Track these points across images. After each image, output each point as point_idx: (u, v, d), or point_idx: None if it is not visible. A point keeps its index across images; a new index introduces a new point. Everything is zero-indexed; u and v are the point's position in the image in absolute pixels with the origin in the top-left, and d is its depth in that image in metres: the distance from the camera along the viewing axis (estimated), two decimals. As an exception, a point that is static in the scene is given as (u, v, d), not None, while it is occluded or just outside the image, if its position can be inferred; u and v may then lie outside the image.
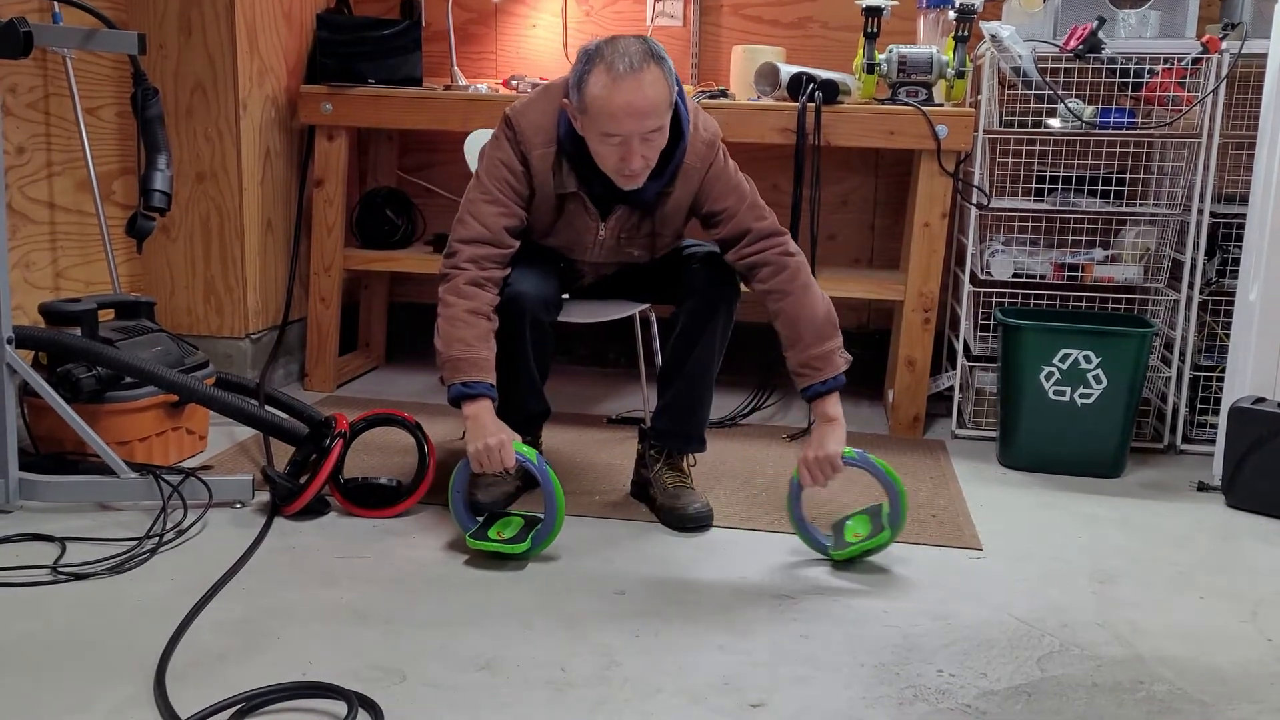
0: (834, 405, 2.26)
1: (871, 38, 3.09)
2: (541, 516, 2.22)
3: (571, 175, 2.28)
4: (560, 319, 2.46)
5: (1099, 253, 3.19)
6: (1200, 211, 3.02)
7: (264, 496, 2.47)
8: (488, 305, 2.23)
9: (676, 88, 2.20)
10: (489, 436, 2.15)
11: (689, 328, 2.40)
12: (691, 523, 2.40)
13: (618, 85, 2.09)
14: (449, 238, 2.30)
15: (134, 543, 2.22)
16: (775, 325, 2.30)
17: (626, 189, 2.24)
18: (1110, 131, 3.04)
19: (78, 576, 2.07)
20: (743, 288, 2.43)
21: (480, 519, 2.28)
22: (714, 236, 2.38)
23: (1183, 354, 3.09)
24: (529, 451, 2.20)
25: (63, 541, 2.22)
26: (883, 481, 2.23)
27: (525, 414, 2.47)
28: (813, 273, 2.38)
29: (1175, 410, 3.12)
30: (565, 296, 2.52)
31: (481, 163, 2.33)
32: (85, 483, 2.42)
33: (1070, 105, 3.03)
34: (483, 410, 2.18)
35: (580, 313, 2.56)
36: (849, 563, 2.24)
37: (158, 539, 2.24)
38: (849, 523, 2.31)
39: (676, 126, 2.24)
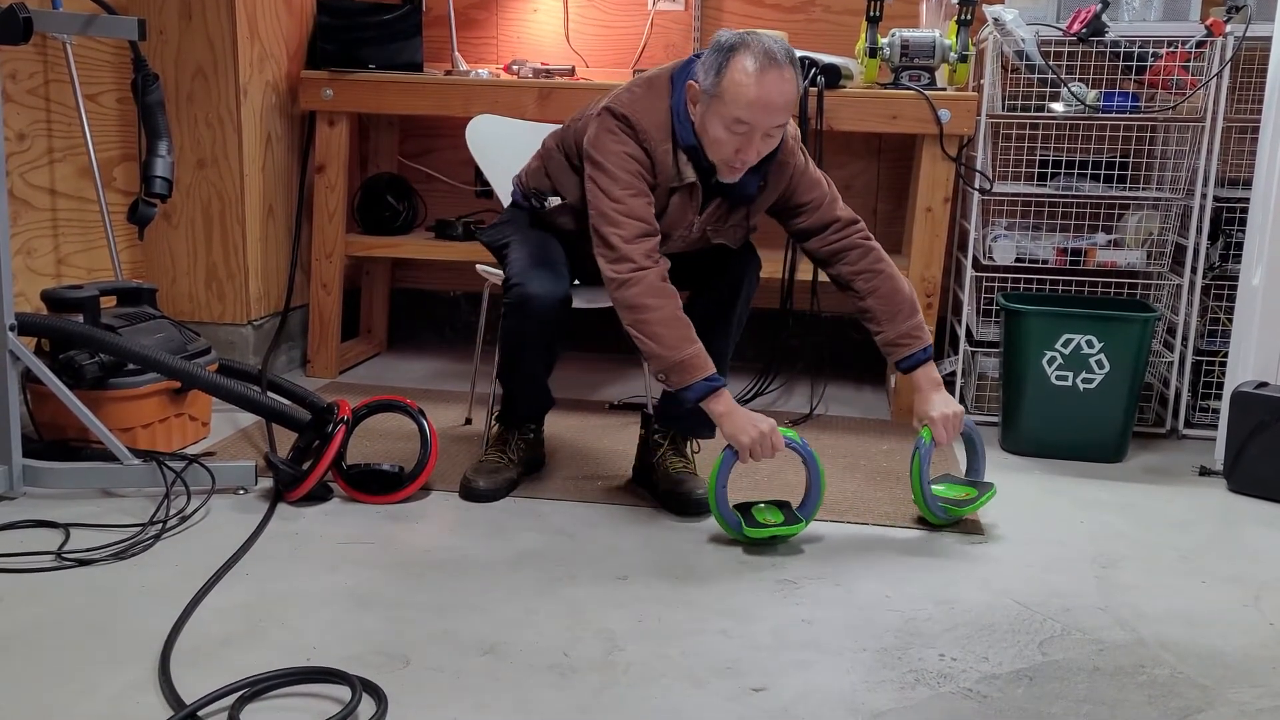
0: (936, 370, 2.40)
1: (874, 21, 3.08)
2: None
3: (689, 165, 2.29)
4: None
5: (1102, 237, 3.18)
6: (1203, 196, 3.02)
7: (267, 483, 2.48)
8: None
9: None
10: (759, 424, 2.21)
11: (710, 312, 2.41)
12: (695, 508, 2.40)
13: (762, 76, 2.13)
14: (606, 241, 2.22)
15: (137, 529, 2.22)
16: (866, 304, 2.41)
17: (727, 180, 2.28)
18: (1113, 116, 3.03)
19: (82, 562, 2.07)
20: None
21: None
22: (797, 226, 2.44)
23: (1185, 339, 3.09)
24: (793, 434, 2.28)
25: (66, 528, 2.23)
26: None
27: (531, 409, 2.56)
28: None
29: (1177, 395, 3.12)
30: (575, 283, 2.51)
31: (605, 160, 2.25)
32: (88, 469, 2.43)
33: (1073, 89, 3.02)
34: (732, 402, 2.23)
35: (586, 298, 2.55)
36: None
37: (161, 525, 2.24)
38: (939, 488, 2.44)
39: None
